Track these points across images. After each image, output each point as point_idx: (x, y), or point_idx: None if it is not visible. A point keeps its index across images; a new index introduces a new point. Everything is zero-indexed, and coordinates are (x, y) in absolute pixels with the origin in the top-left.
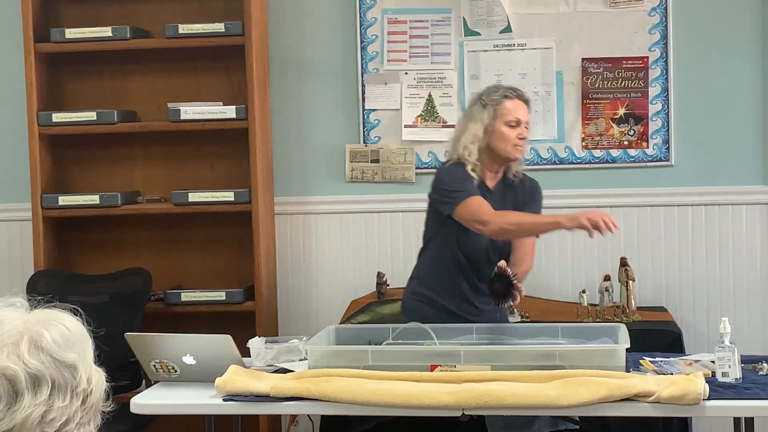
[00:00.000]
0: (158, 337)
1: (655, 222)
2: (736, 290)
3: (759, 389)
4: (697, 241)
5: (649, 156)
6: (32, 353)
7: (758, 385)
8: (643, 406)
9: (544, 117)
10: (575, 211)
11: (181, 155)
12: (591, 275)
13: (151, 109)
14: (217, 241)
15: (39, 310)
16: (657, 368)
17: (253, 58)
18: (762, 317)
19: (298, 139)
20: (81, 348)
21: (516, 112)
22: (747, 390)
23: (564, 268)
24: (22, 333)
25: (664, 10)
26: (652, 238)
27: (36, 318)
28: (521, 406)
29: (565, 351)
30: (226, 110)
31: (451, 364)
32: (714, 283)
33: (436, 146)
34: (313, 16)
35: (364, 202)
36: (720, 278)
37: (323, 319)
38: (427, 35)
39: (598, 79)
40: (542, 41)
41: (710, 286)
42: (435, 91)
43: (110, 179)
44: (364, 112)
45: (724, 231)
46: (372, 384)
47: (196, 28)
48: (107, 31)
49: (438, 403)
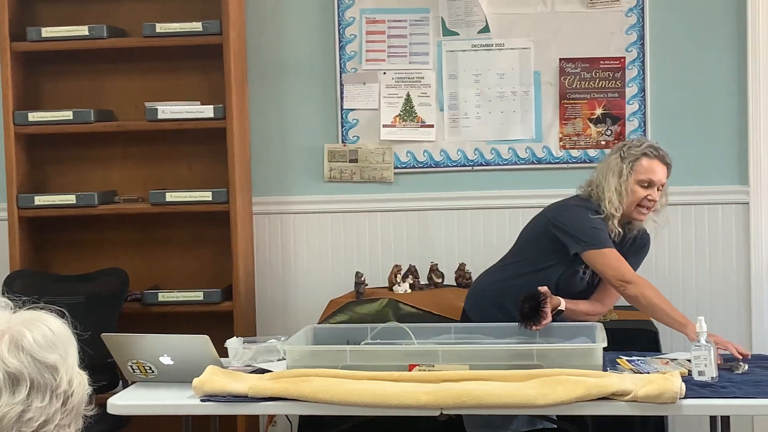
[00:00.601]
0: (135, 338)
1: None
2: (712, 290)
3: (735, 388)
4: (674, 241)
5: None
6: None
7: (734, 384)
8: (620, 404)
9: (522, 117)
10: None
11: (158, 155)
12: None
13: (129, 108)
14: (194, 241)
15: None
16: (634, 367)
17: (231, 57)
18: (738, 316)
19: (277, 138)
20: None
21: (653, 173)
22: (723, 389)
23: None
24: (3, 332)
25: (641, 10)
26: None
27: (20, 318)
28: (499, 406)
29: (542, 350)
30: (203, 110)
31: (429, 364)
32: (691, 282)
33: (414, 146)
34: (292, 15)
35: (343, 201)
36: (696, 277)
37: (301, 319)
38: (405, 35)
39: (576, 80)
40: (520, 41)
41: (687, 285)
42: (413, 91)
43: (87, 179)
44: (342, 111)
45: (700, 230)
46: (350, 384)
47: (173, 27)
48: (84, 30)
49: (416, 403)
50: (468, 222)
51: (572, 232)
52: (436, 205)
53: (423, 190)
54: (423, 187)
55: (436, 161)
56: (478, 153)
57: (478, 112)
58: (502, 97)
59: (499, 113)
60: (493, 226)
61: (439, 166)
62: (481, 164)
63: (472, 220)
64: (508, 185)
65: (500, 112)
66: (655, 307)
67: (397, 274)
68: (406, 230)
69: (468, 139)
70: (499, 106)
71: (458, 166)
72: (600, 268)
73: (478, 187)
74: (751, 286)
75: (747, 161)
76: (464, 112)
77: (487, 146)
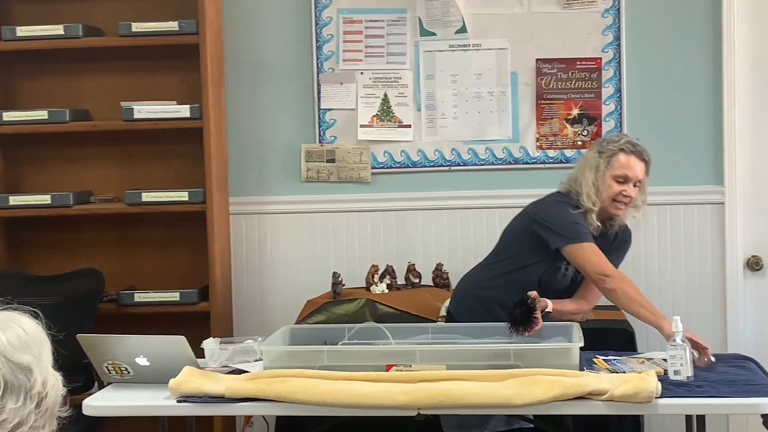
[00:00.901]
0: (111, 338)
1: None
2: (688, 289)
3: (710, 387)
4: (650, 241)
5: None
6: None
7: (710, 383)
8: (597, 404)
9: (499, 117)
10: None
11: (134, 155)
12: None
13: (105, 108)
14: (171, 241)
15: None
16: (610, 367)
17: (207, 57)
18: (713, 316)
19: (253, 138)
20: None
21: (628, 169)
22: (698, 388)
23: None
24: None
25: (617, 11)
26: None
27: None
28: (476, 406)
29: (519, 350)
30: (180, 109)
31: (406, 364)
32: (666, 281)
33: (391, 146)
34: (268, 15)
35: (320, 202)
36: (672, 277)
37: (278, 320)
38: (382, 35)
39: (552, 80)
40: (497, 42)
41: (663, 285)
42: (391, 91)
43: (63, 179)
44: (319, 111)
45: (676, 230)
46: (327, 384)
47: (149, 26)
48: (59, 30)
49: (393, 403)
50: (445, 222)
51: (553, 228)
52: (414, 205)
53: (400, 190)
54: (400, 187)
55: (413, 161)
56: (455, 153)
57: (456, 113)
58: (479, 97)
59: (477, 113)
60: (470, 226)
61: (417, 166)
62: (459, 164)
63: (450, 220)
64: (485, 185)
65: (477, 113)
66: (632, 301)
67: (375, 274)
68: (383, 230)
69: (445, 139)
70: (476, 106)
71: (435, 166)
72: (580, 263)
73: (455, 187)
74: (726, 286)
75: (722, 162)
76: (441, 113)
77: (464, 146)
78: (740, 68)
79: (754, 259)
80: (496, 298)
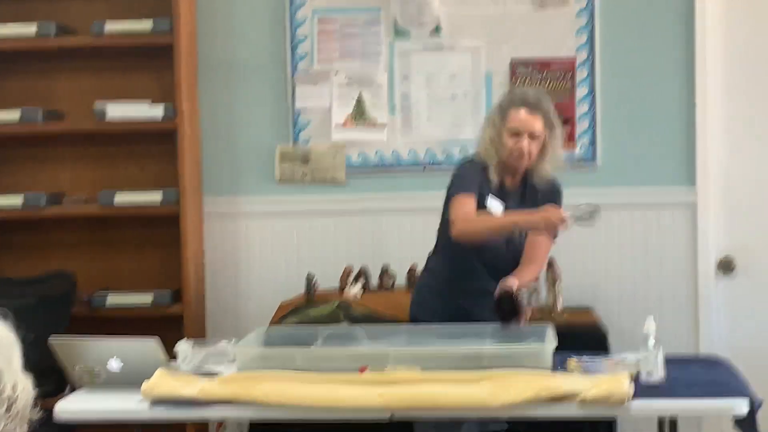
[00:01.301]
0: (83, 342)
1: None
2: (660, 290)
3: (683, 389)
4: (623, 241)
5: (576, 157)
6: None
7: (682, 385)
8: (570, 406)
9: (473, 118)
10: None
11: (108, 155)
12: None
13: (78, 108)
14: (145, 242)
15: None
16: (583, 368)
17: (181, 56)
18: (686, 316)
19: (228, 139)
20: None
21: (517, 122)
22: (671, 390)
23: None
24: None
25: (591, 12)
26: (579, 238)
27: None
28: (450, 408)
29: (493, 352)
30: (153, 110)
31: (380, 366)
32: (639, 282)
33: (366, 146)
34: (243, 15)
35: (294, 202)
36: (645, 278)
37: (252, 322)
38: (357, 35)
39: (527, 80)
40: (472, 42)
41: (635, 286)
42: (365, 92)
43: (35, 180)
44: (294, 112)
45: (649, 231)
46: (301, 387)
47: (123, 26)
48: (32, 29)
49: (367, 406)
50: (420, 223)
51: (448, 188)
52: (388, 206)
53: (375, 190)
54: (375, 188)
55: (388, 162)
56: (429, 154)
57: (430, 113)
58: (453, 97)
59: (451, 114)
60: None
61: (391, 167)
62: (433, 165)
63: (424, 221)
64: None
65: (452, 113)
66: (480, 229)
67: (349, 276)
68: (357, 231)
69: (420, 139)
70: (451, 106)
71: (410, 166)
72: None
73: (429, 187)
74: (698, 286)
75: (694, 162)
76: (416, 113)
77: (438, 147)
78: (712, 70)
79: (725, 259)
80: (445, 284)
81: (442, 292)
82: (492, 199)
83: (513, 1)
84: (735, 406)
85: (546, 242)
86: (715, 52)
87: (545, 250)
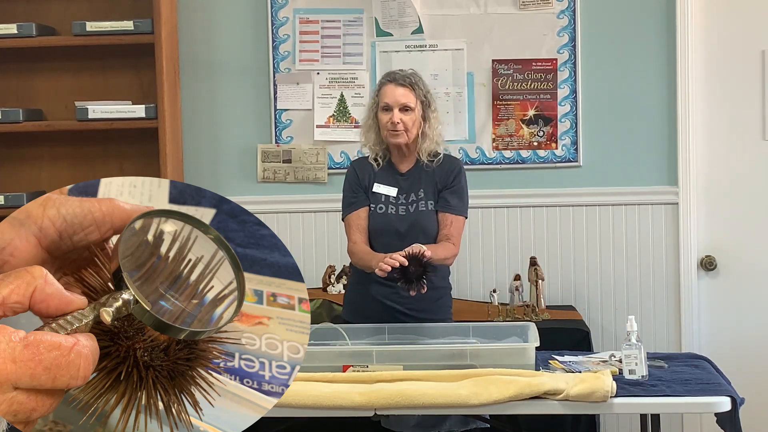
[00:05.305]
0: None
1: (563, 222)
2: (642, 289)
3: (665, 386)
4: (605, 241)
5: (558, 157)
6: None
7: (664, 382)
8: (552, 403)
9: (455, 118)
10: (489, 210)
11: (89, 155)
12: (501, 275)
13: (59, 108)
14: None
15: None
16: (566, 367)
17: (162, 56)
18: (667, 315)
19: (209, 139)
20: None
21: (387, 96)
22: (653, 387)
23: (475, 268)
24: None
25: (572, 12)
26: (561, 237)
27: None
28: (433, 406)
29: (475, 350)
30: (135, 109)
31: (363, 365)
32: (621, 281)
33: (348, 146)
34: (224, 14)
35: (276, 202)
36: (627, 277)
37: None
38: (339, 35)
39: (509, 81)
40: (453, 42)
41: (618, 285)
42: (347, 92)
43: (16, 180)
44: (275, 112)
45: (631, 230)
46: None
47: (104, 25)
48: (12, 28)
49: (350, 404)
50: None
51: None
52: None
53: None
54: None
55: None
56: None
57: None
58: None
59: None
60: None
61: None
62: None
63: None
64: None
65: None
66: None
67: (331, 275)
68: (339, 231)
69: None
70: None
71: None
72: None
73: None
74: (681, 286)
75: (676, 162)
76: None
77: None
78: (694, 70)
79: (707, 258)
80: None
81: (362, 284)
82: (379, 186)
83: (494, 1)
84: (717, 404)
85: (460, 221)
86: (697, 52)
87: (459, 229)
